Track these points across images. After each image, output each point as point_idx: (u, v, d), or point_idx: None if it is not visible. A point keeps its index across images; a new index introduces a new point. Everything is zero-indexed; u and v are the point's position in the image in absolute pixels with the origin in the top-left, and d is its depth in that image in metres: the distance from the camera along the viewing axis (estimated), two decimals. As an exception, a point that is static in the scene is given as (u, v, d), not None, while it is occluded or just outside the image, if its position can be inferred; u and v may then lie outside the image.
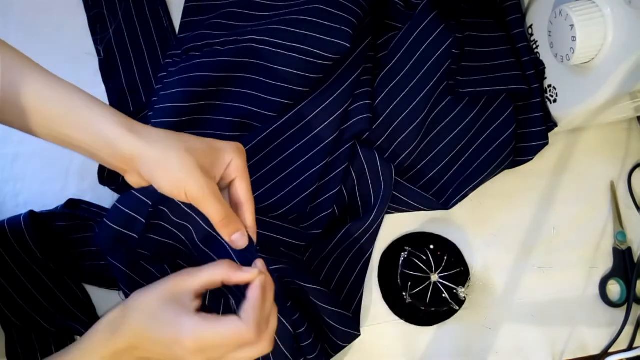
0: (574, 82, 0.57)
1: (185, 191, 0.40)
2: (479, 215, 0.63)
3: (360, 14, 0.58)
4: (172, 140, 0.40)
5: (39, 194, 0.61)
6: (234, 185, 0.43)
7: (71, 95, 0.40)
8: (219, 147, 0.42)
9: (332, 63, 0.58)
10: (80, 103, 0.40)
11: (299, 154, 0.60)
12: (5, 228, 0.56)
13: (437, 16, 0.59)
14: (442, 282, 0.58)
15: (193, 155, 0.39)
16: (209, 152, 0.41)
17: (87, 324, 0.56)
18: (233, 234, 0.42)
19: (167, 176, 0.39)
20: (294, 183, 0.60)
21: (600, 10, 0.50)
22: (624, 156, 0.66)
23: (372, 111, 0.60)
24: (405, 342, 0.59)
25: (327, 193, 0.60)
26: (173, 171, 0.39)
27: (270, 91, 0.60)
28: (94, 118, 0.39)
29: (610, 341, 0.60)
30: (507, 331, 0.60)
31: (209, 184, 0.40)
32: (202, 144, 0.41)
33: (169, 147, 0.39)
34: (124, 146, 0.39)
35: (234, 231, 0.42)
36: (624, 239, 0.63)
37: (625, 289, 0.61)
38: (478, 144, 0.62)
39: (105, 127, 0.39)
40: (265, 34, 0.58)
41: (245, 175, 0.43)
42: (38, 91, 0.39)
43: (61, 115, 0.39)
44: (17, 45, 0.66)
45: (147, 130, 0.40)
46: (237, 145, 0.43)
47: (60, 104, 0.39)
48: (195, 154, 0.40)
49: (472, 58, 0.61)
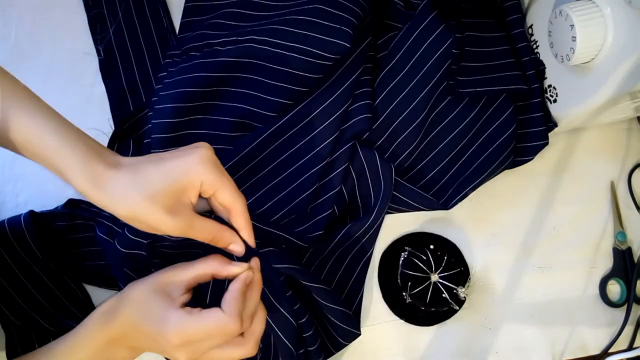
0: (574, 82, 0.57)
1: (165, 233, 0.41)
2: (479, 215, 0.63)
3: (360, 14, 0.58)
4: (135, 193, 0.39)
5: (39, 194, 0.61)
6: (217, 195, 0.42)
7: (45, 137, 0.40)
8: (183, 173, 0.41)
9: (332, 63, 0.58)
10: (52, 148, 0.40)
11: (300, 154, 0.60)
12: (5, 228, 0.56)
13: (437, 16, 0.59)
14: (442, 282, 0.58)
15: (157, 202, 0.39)
16: (174, 188, 0.40)
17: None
18: (228, 246, 0.44)
19: (141, 226, 0.41)
20: (294, 183, 0.60)
21: (601, 10, 0.50)
22: (624, 156, 0.66)
23: (372, 111, 0.60)
24: (405, 342, 0.60)
25: (327, 193, 0.60)
26: (145, 223, 0.40)
27: (270, 91, 0.60)
28: (63, 167, 0.40)
29: (610, 341, 0.60)
30: (507, 331, 0.60)
31: (183, 222, 0.40)
32: (165, 182, 0.40)
33: (132, 203, 0.39)
34: (95, 202, 0.40)
35: (227, 244, 0.44)
36: (624, 239, 0.63)
37: (625, 289, 0.61)
38: (478, 144, 0.62)
39: (74, 181, 0.40)
40: (265, 34, 0.58)
41: (222, 184, 0.42)
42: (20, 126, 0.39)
43: (38, 155, 0.40)
44: (17, 44, 0.66)
45: (110, 182, 0.40)
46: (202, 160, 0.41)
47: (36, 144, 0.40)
48: (160, 199, 0.40)
49: (472, 58, 0.61)
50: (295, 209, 0.59)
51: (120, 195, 0.40)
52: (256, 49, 0.59)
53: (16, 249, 0.56)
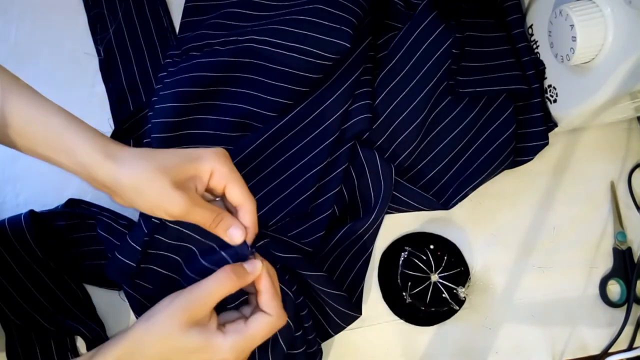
0: (574, 82, 0.57)
1: (166, 211, 0.40)
2: (479, 215, 0.63)
3: (360, 14, 0.58)
4: (146, 162, 0.39)
5: (39, 194, 0.61)
6: (227, 191, 0.42)
7: (50, 118, 0.39)
8: (197, 157, 0.41)
9: (332, 63, 0.58)
10: (58, 126, 0.39)
11: (301, 154, 0.60)
12: (5, 227, 0.56)
13: (437, 16, 0.59)
14: (442, 282, 0.58)
15: (167, 174, 0.39)
16: (185, 166, 0.40)
17: (87, 324, 0.56)
18: (228, 230, 0.42)
19: (144, 200, 0.39)
20: (295, 183, 0.60)
21: (601, 10, 0.50)
22: (624, 156, 0.66)
23: (372, 111, 0.60)
24: (405, 342, 0.60)
25: (327, 193, 0.60)
26: (149, 195, 0.39)
27: (270, 91, 0.60)
28: (70, 143, 0.39)
29: (611, 341, 0.60)
30: (507, 331, 0.60)
31: (187, 199, 0.39)
32: (178, 159, 0.40)
33: (141, 171, 0.39)
34: (100, 173, 0.39)
35: (228, 227, 0.42)
36: (624, 239, 0.63)
37: (625, 289, 0.61)
38: (478, 144, 0.62)
39: (81, 152, 0.39)
40: (265, 34, 0.58)
41: (234, 179, 0.42)
42: (21, 110, 0.39)
43: (39, 137, 0.39)
44: (17, 45, 0.66)
45: (122, 152, 0.40)
46: (217, 151, 0.42)
47: (39, 125, 0.39)
48: (170, 173, 0.39)
49: (472, 58, 0.61)
50: (297, 209, 0.59)
51: (130, 162, 0.39)
52: (256, 49, 0.59)
53: (16, 249, 0.56)
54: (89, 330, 0.55)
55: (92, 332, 0.55)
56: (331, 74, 0.60)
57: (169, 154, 0.41)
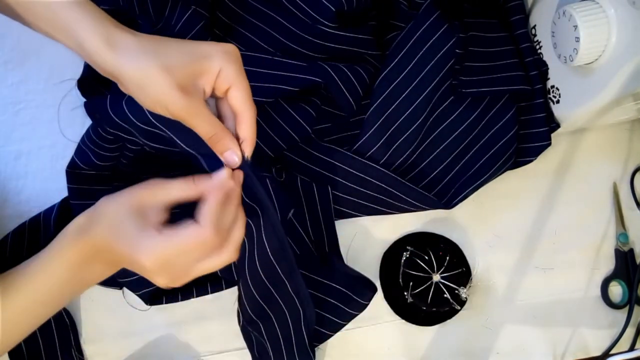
0: (577, 83, 0.57)
1: (167, 109, 0.38)
2: (481, 215, 0.63)
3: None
4: (149, 58, 0.37)
5: (42, 191, 0.61)
6: (229, 94, 0.40)
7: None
8: (204, 55, 0.39)
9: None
10: (62, 5, 0.37)
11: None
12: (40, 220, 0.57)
13: (440, 16, 0.59)
14: (444, 282, 0.58)
15: (171, 74, 0.37)
16: (191, 65, 0.38)
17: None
18: (224, 152, 0.41)
19: (145, 97, 0.38)
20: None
21: (604, 11, 0.50)
22: (627, 157, 0.66)
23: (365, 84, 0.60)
24: (406, 342, 0.60)
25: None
26: (150, 94, 0.37)
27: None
28: (72, 25, 0.37)
29: (612, 342, 0.60)
30: (509, 332, 0.60)
31: (189, 103, 0.38)
32: (183, 57, 0.38)
33: (144, 67, 0.37)
34: (100, 62, 0.37)
35: (224, 149, 0.41)
36: (626, 241, 0.63)
37: (627, 291, 0.61)
38: (480, 144, 0.62)
39: (83, 36, 0.37)
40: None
41: (239, 82, 0.39)
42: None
43: (43, 15, 0.38)
44: (18, 43, 0.66)
45: (126, 41, 0.37)
46: (227, 49, 0.39)
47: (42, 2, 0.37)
48: (174, 72, 0.37)
49: (475, 58, 0.61)
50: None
51: (133, 57, 0.37)
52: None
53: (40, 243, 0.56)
54: None
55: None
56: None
57: (174, 49, 0.38)
